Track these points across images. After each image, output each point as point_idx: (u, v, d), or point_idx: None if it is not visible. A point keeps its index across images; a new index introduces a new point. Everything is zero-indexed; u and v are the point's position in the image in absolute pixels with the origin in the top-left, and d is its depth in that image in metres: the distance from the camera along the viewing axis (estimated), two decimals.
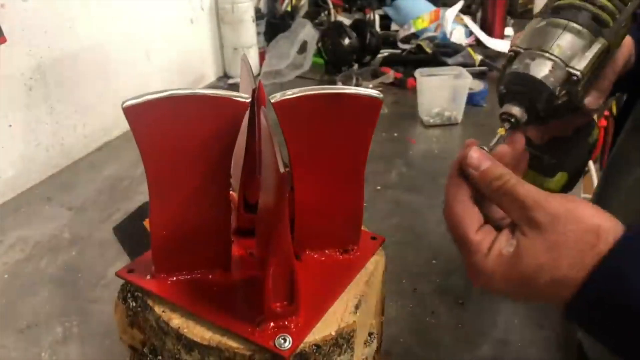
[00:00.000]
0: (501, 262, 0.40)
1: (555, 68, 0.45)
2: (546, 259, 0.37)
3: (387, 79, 1.62)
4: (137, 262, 0.56)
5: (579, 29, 0.45)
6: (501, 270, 0.40)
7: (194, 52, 1.63)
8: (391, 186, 1.14)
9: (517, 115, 0.46)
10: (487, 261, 0.40)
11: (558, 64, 0.45)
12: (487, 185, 0.42)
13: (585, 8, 0.46)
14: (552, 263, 0.37)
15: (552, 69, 0.45)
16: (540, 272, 0.38)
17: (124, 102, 0.44)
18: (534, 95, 0.45)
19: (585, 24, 0.46)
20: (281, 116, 0.48)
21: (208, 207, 0.51)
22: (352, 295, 0.52)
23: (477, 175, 0.42)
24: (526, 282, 0.39)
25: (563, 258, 0.37)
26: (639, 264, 0.35)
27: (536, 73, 0.45)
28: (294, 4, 1.96)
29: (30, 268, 0.92)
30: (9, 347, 0.77)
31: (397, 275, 0.87)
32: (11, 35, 1.03)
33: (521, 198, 0.39)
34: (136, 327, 0.54)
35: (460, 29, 1.88)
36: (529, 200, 0.39)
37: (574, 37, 0.45)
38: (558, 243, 0.37)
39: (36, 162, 1.17)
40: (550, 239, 0.37)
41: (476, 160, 0.43)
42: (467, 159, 0.43)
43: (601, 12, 0.46)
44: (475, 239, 0.42)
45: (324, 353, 0.47)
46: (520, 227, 0.40)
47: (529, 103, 0.46)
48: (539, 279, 0.38)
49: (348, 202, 0.55)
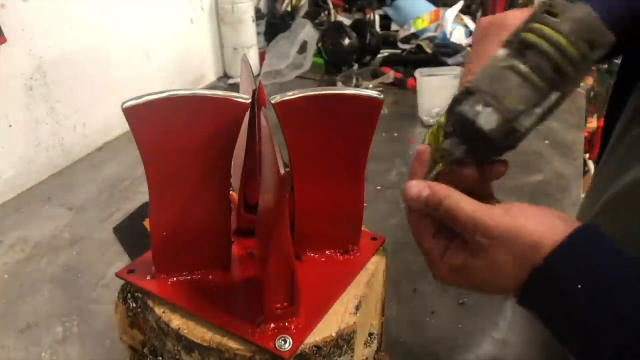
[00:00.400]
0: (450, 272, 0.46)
1: (503, 122, 0.44)
2: (489, 275, 0.43)
3: (387, 79, 1.62)
4: (137, 263, 0.56)
5: (538, 84, 0.44)
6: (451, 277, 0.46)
7: (194, 52, 1.63)
8: (391, 186, 1.14)
9: (458, 156, 0.47)
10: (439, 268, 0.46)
11: (507, 118, 0.44)
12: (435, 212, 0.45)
13: (548, 55, 0.43)
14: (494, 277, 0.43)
15: (499, 122, 0.44)
16: (485, 284, 0.44)
17: (123, 103, 0.44)
18: (476, 143, 0.46)
19: (544, 77, 0.44)
20: (281, 117, 0.48)
21: (208, 208, 0.51)
22: (353, 296, 0.52)
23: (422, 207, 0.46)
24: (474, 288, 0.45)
25: (504, 273, 0.42)
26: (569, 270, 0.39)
27: (484, 125, 0.44)
28: (294, 4, 1.95)
29: (30, 268, 0.92)
30: (9, 347, 0.77)
31: (397, 275, 0.87)
32: (11, 35, 1.03)
33: (462, 223, 0.43)
34: (136, 327, 0.54)
35: (460, 29, 1.88)
36: (470, 225, 0.42)
37: (529, 92, 0.44)
38: (498, 261, 0.42)
39: (36, 162, 1.17)
40: (491, 258, 0.42)
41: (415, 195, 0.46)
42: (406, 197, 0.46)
43: (563, 60, 0.43)
44: (426, 247, 0.47)
45: (324, 354, 0.47)
46: (468, 246, 0.44)
47: (470, 145, 0.46)
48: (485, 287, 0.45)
49: (348, 202, 0.55)
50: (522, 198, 1.05)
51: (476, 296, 0.84)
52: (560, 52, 0.43)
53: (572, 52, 0.43)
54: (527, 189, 1.13)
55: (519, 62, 0.44)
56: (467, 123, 0.45)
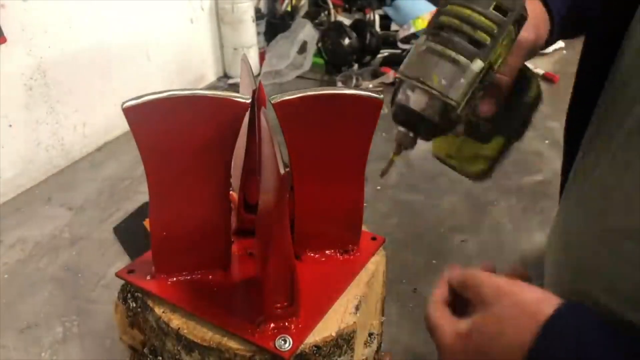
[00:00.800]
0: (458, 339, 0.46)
1: (432, 99, 0.46)
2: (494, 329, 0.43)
3: (387, 79, 1.62)
4: (137, 263, 0.56)
5: (454, 57, 0.46)
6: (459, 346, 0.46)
7: (194, 52, 1.63)
8: (391, 186, 1.14)
9: (406, 142, 0.51)
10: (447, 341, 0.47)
11: (435, 95, 0.46)
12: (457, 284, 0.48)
13: (461, 30, 0.46)
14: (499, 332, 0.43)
15: (429, 100, 0.47)
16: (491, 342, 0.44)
17: (123, 103, 0.44)
18: (416, 124, 0.49)
19: (459, 49, 0.46)
20: (281, 117, 0.48)
21: (208, 208, 0.51)
22: (353, 296, 0.52)
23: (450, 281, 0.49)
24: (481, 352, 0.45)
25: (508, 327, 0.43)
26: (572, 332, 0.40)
27: (415, 106, 0.47)
28: (294, 4, 1.95)
29: (30, 268, 0.92)
30: (9, 347, 0.77)
31: (397, 275, 0.87)
32: (11, 35, 1.04)
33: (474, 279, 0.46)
34: (136, 327, 0.54)
35: None
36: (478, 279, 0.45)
37: (448, 66, 0.46)
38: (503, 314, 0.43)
39: (36, 162, 1.17)
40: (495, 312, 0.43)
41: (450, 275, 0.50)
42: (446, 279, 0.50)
43: (477, 32, 0.46)
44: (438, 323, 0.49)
45: (324, 354, 0.47)
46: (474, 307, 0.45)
47: (414, 129, 0.50)
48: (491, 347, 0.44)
49: (348, 202, 0.55)
50: (522, 198, 1.05)
51: None
52: (470, 25, 0.46)
53: (482, 21, 0.46)
54: (527, 189, 1.13)
55: (434, 43, 0.47)
56: (402, 109, 0.48)
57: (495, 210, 1.05)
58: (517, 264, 0.51)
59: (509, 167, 1.19)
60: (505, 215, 1.03)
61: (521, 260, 0.92)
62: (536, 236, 0.98)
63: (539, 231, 0.98)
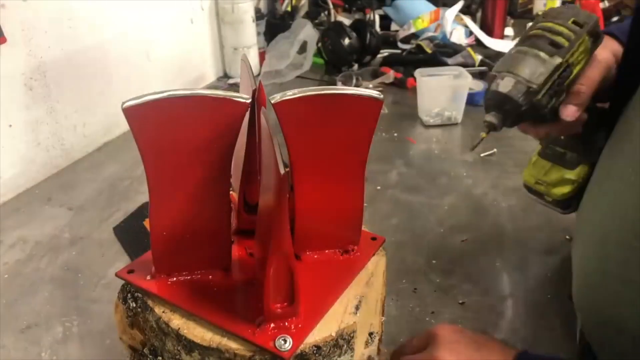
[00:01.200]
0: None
1: (517, 84, 0.59)
2: None
3: (387, 79, 1.62)
4: (137, 263, 0.56)
5: (537, 53, 0.59)
6: None
7: (194, 52, 1.63)
8: (391, 186, 1.14)
9: (494, 122, 0.61)
10: None
11: (520, 80, 0.59)
12: None
13: (544, 36, 0.61)
14: None
15: (514, 84, 0.59)
16: None
17: (123, 103, 0.44)
18: (503, 107, 0.60)
19: (542, 48, 0.60)
20: (281, 117, 0.48)
21: (208, 208, 0.51)
22: (353, 296, 0.52)
23: None
24: None
25: None
26: None
27: (503, 89, 0.60)
28: (294, 4, 1.95)
29: (30, 268, 0.92)
30: (9, 347, 0.77)
31: (397, 275, 0.87)
32: (11, 35, 1.03)
33: None
34: (136, 327, 0.54)
35: (460, 29, 1.88)
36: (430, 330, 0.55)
37: (532, 59, 0.59)
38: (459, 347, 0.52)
39: (36, 162, 1.17)
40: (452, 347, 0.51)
41: None
42: None
43: (557, 37, 0.60)
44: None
45: (324, 354, 0.47)
46: None
47: (502, 112, 0.61)
48: None
49: (348, 202, 0.55)
50: (522, 198, 1.05)
51: (476, 296, 0.84)
52: (552, 32, 0.61)
53: (561, 30, 0.60)
54: None
55: (523, 47, 0.61)
56: (493, 94, 0.61)
57: (495, 210, 1.05)
58: None
59: (510, 167, 1.19)
60: (506, 215, 1.03)
61: (521, 260, 0.92)
62: (536, 236, 0.98)
63: (539, 232, 0.98)
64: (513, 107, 0.60)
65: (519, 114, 0.60)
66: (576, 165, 0.71)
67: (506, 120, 0.61)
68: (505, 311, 0.82)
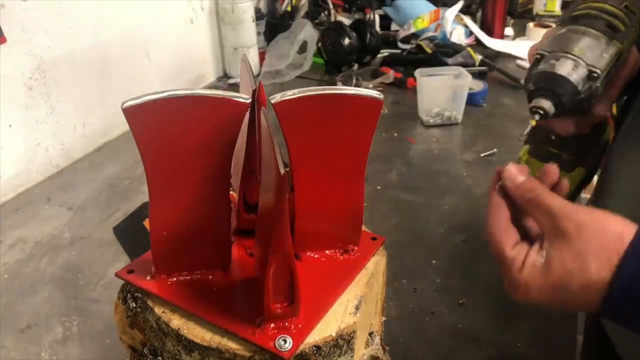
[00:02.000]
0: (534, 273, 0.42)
1: (577, 67, 0.51)
2: (574, 265, 0.40)
3: (387, 79, 1.62)
4: (137, 263, 0.56)
5: (596, 34, 0.52)
6: (534, 281, 0.43)
7: (194, 52, 1.63)
8: (391, 186, 1.14)
9: (546, 108, 0.53)
10: (522, 275, 0.43)
11: (579, 63, 0.51)
12: (521, 196, 0.45)
13: (600, 17, 0.53)
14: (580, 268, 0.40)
15: (574, 67, 0.51)
16: (570, 279, 0.41)
17: (123, 103, 0.44)
18: (559, 91, 0.52)
19: (601, 29, 0.52)
20: (281, 117, 0.48)
21: (208, 207, 0.51)
22: (353, 296, 0.52)
23: (512, 187, 0.46)
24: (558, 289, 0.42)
25: (590, 263, 0.40)
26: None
27: (561, 71, 0.51)
28: (294, 4, 1.95)
29: (30, 268, 0.92)
30: (9, 347, 0.77)
31: (397, 275, 0.87)
32: (11, 35, 1.03)
33: (550, 207, 0.42)
34: (136, 327, 0.54)
35: (460, 29, 1.88)
36: (557, 210, 0.42)
37: (592, 41, 0.52)
38: (584, 250, 0.40)
39: (36, 162, 1.17)
40: (576, 247, 0.40)
41: (513, 175, 0.47)
42: (505, 173, 0.47)
43: (614, 19, 0.53)
44: (510, 255, 0.45)
45: (324, 354, 0.47)
46: (549, 238, 0.42)
47: (556, 98, 0.52)
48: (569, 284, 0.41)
49: (348, 202, 0.55)
50: None
51: (476, 296, 0.84)
52: (607, 13, 0.53)
53: (617, 12, 0.53)
54: None
55: (575, 26, 0.53)
56: (546, 76, 0.52)
57: None
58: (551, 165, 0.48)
59: None
60: None
61: None
62: None
63: None
64: (569, 93, 0.52)
65: (577, 101, 0.52)
66: (572, 169, 0.66)
67: (558, 107, 0.53)
68: (505, 311, 0.82)
